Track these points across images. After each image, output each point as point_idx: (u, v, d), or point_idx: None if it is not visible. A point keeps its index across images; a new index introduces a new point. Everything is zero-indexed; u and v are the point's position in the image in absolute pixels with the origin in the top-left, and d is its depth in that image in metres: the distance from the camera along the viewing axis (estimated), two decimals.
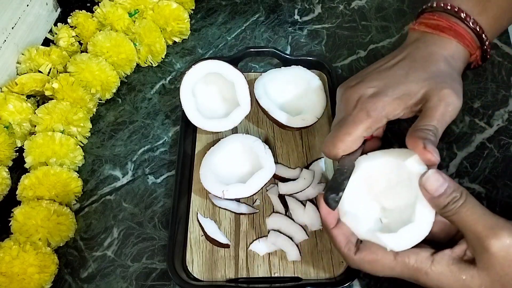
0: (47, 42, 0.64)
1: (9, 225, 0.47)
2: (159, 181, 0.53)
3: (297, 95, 0.55)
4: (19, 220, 0.47)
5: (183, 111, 0.53)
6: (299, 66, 0.56)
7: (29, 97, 0.58)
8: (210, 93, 0.55)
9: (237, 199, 0.49)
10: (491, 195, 0.50)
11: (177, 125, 0.57)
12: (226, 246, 0.47)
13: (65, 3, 0.68)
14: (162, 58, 0.63)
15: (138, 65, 0.63)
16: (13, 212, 0.48)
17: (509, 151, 0.53)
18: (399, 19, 0.66)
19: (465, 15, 0.46)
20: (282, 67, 0.56)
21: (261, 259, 0.46)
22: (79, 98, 0.55)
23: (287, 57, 0.59)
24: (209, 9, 0.69)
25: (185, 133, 0.54)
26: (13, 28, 0.59)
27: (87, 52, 0.59)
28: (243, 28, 0.67)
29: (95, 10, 0.63)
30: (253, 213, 0.49)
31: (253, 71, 0.61)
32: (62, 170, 0.51)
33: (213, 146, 0.52)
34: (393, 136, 0.53)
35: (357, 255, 0.38)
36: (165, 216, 0.50)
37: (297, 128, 0.52)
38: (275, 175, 0.50)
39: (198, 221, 0.48)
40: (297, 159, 0.53)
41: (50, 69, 0.59)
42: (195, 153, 0.53)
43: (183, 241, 0.48)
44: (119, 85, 0.60)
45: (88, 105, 0.57)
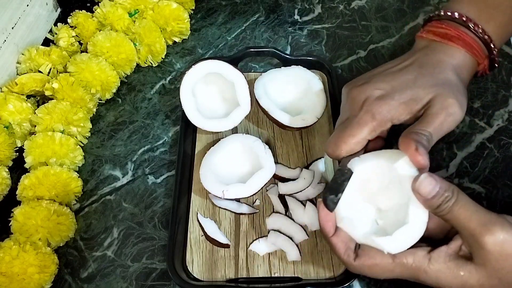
0: (47, 42, 0.64)
1: (9, 225, 0.47)
2: (159, 181, 0.53)
3: (297, 95, 0.55)
4: (19, 220, 0.47)
5: (183, 111, 0.53)
6: (299, 66, 0.56)
7: (29, 97, 0.58)
8: (210, 93, 0.55)
9: (237, 199, 0.49)
10: (491, 195, 0.50)
11: (177, 125, 0.57)
12: (226, 246, 0.47)
13: (65, 3, 0.68)
14: (162, 58, 0.63)
15: (138, 65, 0.63)
16: (13, 212, 0.48)
17: (509, 151, 0.53)
18: (399, 19, 0.66)
19: (473, 25, 0.45)
20: (282, 67, 0.56)
21: (261, 259, 0.46)
22: (79, 98, 0.55)
23: (287, 57, 0.59)
24: (209, 9, 0.69)
25: (185, 133, 0.54)
26: (13, 28, 0.59)
27: (87, 52, 0.59)
28: (243, 28, 0.67)
29: (95, 10, 0.63)
30: (253, 213, 0.49)
31: (253, 71, 0.61)
32: (62, 170, 0.51)
33: (213, 146, 0.52)
34: (393, 136, 0.53)
35: (357, 261, 0.38)
36: (165, 216, 0.50)
37: (297, 128, 0.52)
38: (275, 175, 0.50)
39: (198, 221, 0.48)
40: (297, 159, 0.53)
41: (50, 69, 0.59)
42: (195, 153, 0.53)
43: (183, 241, 0.48)
44: (119, 85, 0.60)
45: (88, 105, 0.57)
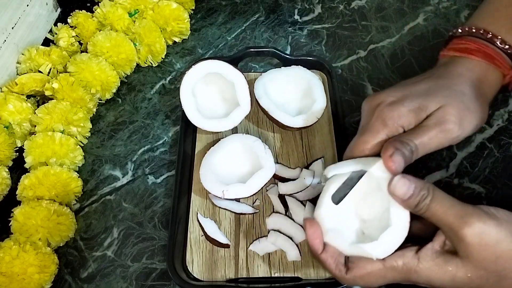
0: (47, 42, 0.64)
1: (9, 225, 0.47)
2: (159, 181, 0.53)
3: (297, 95, 0.55)
4: (19, 220, 0.47)
5: (183, 111, 0.53)
6: (299, 66, 0.56)
7: (29, 97, 0.58)
8: (210, 93, 0.55)
9: (237, 199, 0.49)
10: (491, 195, 0.50)
11: (177, 125, 0.57)
12: (226, 246, 0.47)
13: (65, 3, 0.68)
14: (162, 58, 0.63)
15: (138, 65, 0.63)
16: (13, 212, 0.48)
17: (509, 151, 0.53)
18: (399, 19, 0.66)
19: (491, 35, 0.45)
20: (282, 67, 0.56)
21: (261, 259, 0.46)
22: (79, 98, 0.55)
23: (287, 57, 0.59)
24: (209, 9, 0.69)
25: (185, 133, 0.54)
26: (13, 28, 0.59)
27: (87, 52, 0.59)
28: (243, 28, 0.67)
29: (95, 10, 0.63)
30: (253, 213, 0.49)
31: (253, 71, 0.61)
32: (62, 170, 0.51)
33: (213, 146, 0.52)
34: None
35: (348, 274, 0.39)
36: (165, 216, 0.50)
37: (297, 128, 0.52)
38: (275, 175, 0.50)
39: (198, 221, 0.48)
40: (297, 159, 0.53)
41: (50, 69, 0.59)
42: (195, 153, 0.53)
43: (183, 241, 0.47)
44: (119, 85, 0.60)
45: (88, 105, 0.57)
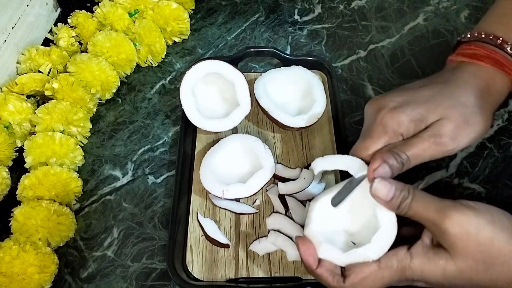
0: (47, 42, 0.64)
1: (9, 225, 0.47)
2: (159, 181, 0.53)
3: (297, 95, 0.55)
4: (19, 220, 0.47)
5: (183, 111, 0.53)
6: (299, 66, 0.56)
7: (29, 97, 0.58)
8: (210, 93, 0.55)
9: (237, 199, 0.49)
10: (491, 195, 0.50)
11: (177, 125, 0.57)
12: (226, 246, 0.47)
13: (65, 3, 0.68)
14: (162, 58, 0.63)
15: (138, 65, 0.63)
16: (13, 212, 0.48)
17: (509, 151, 0.53)
18: (399, 19, 0.66)
19: (501, 41, 0.45)
20: (282, 67, 0.56)
21: (261, 259, 0.46)
22: (79, 98, 0.55)
23: (287, 57, 0.59)
24: (209, 9, 0.69)
25: (185, 133, 0.54)
26: (13, 28, 0.59)
27: (87, 52, 0.59)
28: (243, 28, 0.67)
29: (95, 10, 0.63)
30: (253, 213, 0.49)
31: (253, 71, 0.61)
32: (62, 170, 0.51)
33: (213, 146, 0.52)
34: None
35: (347, 282, 0.39)
36: (165, 216, 0.50)
37: (297, 128, 0.52)
38: (275, 175, 0.50)
39: (198, 221, 0.48)
40: (297, 159, 0.53)
41: (50, 69, 0.59)
42: (195, 153, 0.53)
43: (183, 241, 0.47)
44: (119, 85, 0.60)
45: (88, 105, 0.57)
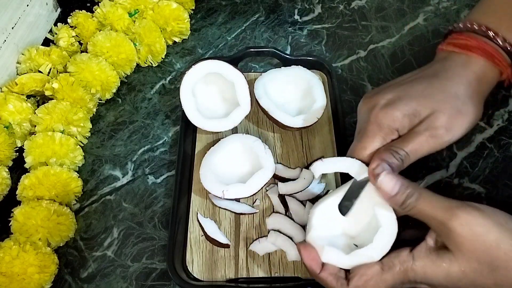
0: (47, 42, 0.64)
1: (9, 225, 0.47)
2: (159, 181, 0.53)
3: (297, 95, 0.55)
4: (19, 220, 0.47)
5: (183, 111, 0.53)
6: (299, 66, 0.56)
7: (29, 97, 0.58)
8: (210, 93, 0.55)
9: (237, 199, 0.49)
10: (491, 195, 0.50)
11: (177, 125, 0.57)
12: (226, 246, 0.47)
13: (65, 3, 0.68)
14: (162, 58, 0.63)
15: (138, 65, 0.63)
16: (13, 212, 0.48)
17: (509, 151, 0.53)
18: (399, 19, 0.66)
19: (493, 34, 0.45)
20: (282, 67, 0.56)
21: (261, 259, 0.46)
22: (79, 98, 0.55)
23: (287, 57, 0.59)
24: (209, 9, 0.69)
25: (185, 133, 0.54)
26: (13, 28, 0.59)
27: (87, 52, 0.59)
28: (243, 28, 0.67)
29: (95, 10, 0.63)
30: (253, 213, 0.49)
31: (253, 71, 0.61)
32: (62, 170, 0.51)
33: (213, 146, 0.52)
34: None
35: (350, 285, 0.39)
36: (165, 216, 0.50)
37: (297, 128, 0.52)
38: (275, 175, 0.50)
39: (198, 221, 0.48)
40: (297, 159, 0.53)
41: (50, 69, 0.59)
42: (195, 153, 0.53)
43: (183, 241, 0.47)
44: (119, 85, 0.60)
45: (88, 105, 0.57)
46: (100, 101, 0.60)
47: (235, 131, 0.55)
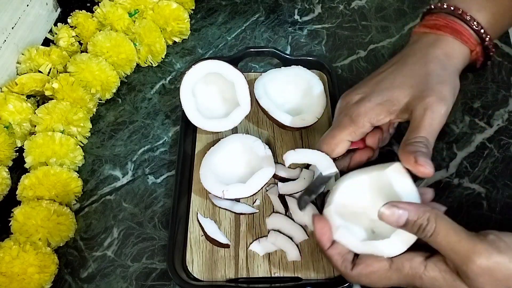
0: (47, 42, 0.64)
1: (9, 225, 0.47)
2: (159, 181, 0.53)
3: (297, 95, 0.55)
4: (19, 220, 0.47)
5: (183, 111, 0.53)
6: (299, 66, 0.56)
7: (29, 97, 0.58)
8: (210, 93, 0.55)
9: (237, 199, 0.49)
10: (491, 195, 0.50)
11: (177, 125, 0.57)
12: (226, 246, 0.47)
13: (65, 3, 0.68)
14: (162, 58, 0.63)
15: (138, 65, 0.63)
16: (13, 212, 0.48)
17: (509, 151, 0.53)
18: (399, 19, 0.66)
19: (461, 12, 0.46)
20: (282, 67, 0.56)
21: (261, 259, 0.46)
22: (79, 98, 0.55)
23: (287, 57, 0.59)
24: (209, 9, 0.69)
25: (185, 133, 0.54)
26: (13, 28, 0.59)
27: (87, 52, 0.59)
28: (243, 28, 0.67)
29: (95, 10, 0.63)
30: (253, 213, 0.49)
31: (253, 71, 0.61)
32: (62, 170, 0.51)
33: (213, 146, 0.52)
34: (393, 135, 0.53)
35: (354, 270, 0.39)
36: (165, 216, 0.50)
37: (297, 128, 0.52)
38: (275, 175, 0.50)
39: (198, 221, 0.48)
40: None
41: (50, 69, 0.59)
42: (195, 153, 0.53)
43: (183, 241, 0.48)
44: (119, 85, 0.60)
45: (88, 105, 0.57)
46: (100, 101, 0.60)
47: (235, 131, 0.55)
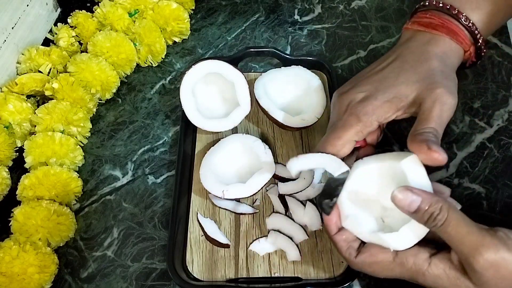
0: (47, 42, 0.64)
1: (9, 225, 0.47)
2: (159, 181, 0.53)
3: (297, 95, 0.55)
4: (19, 220, 0.47)
5: (183, 111, 0.53)
6: (299, 66, 0.56)
7: (29, 97, 0.58)
8: (210, 93, 0.55)
9: (237, 199, 0.49)
10: (491, 195, 0.50)
11: (177, 125, 0.57)
12: (226, 246, 0.47)
13: (65, 3, 0.68)
14: (162, 58, 0.63)
15: (138, 65, 0.63)
16: (13, 212, 0.48)
17: (509, 151, 0.53)
18: (399, 19, 0.66)
19: (457, 12, 0.46)
20: (282, 67, 0.56)
21: (261, 259, 0.46)
22: (79, 98, 0.55)
23: (287, 57, 0.59)
24: (209, 9, 0.69)
25: (185, 133, 0.54)
26: (13, 28, 0.59)
27: (87, 52, 0.59)
28: (243, 28, 0.67)
29: (95, 10, 0.63)
30: (253, 213, 0.49)
31: (253, 71, 0.61)
32: (62, 170, 0.51)
33: (213, 146, 0.52)
34: (393, 136, 0.53)
35: (358, 258, 0.39)
36: (165, 216, 0.50)
37: (297, 128, 0.52)
38: (275, 175, 0.50)
39: (198, 221, 0.48)
40: None
41: (50, 69, 0.59)
42: (195, 153, 0.53)
43: (183, 241, 0.48)
44: (119, 85, 0.60)
45: (88, 105, 0.57)
46: (100, 101, 0.60)
47: (235, 131, 0.55)
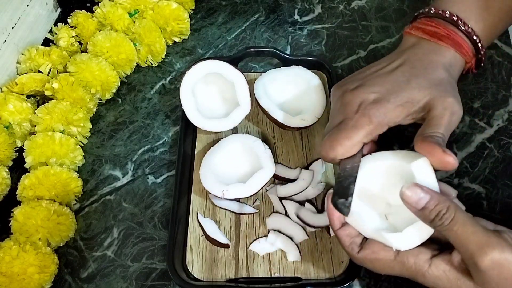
0: (47, 42, 0.64)
1: (9, 225, 0.47)
2: (159, 181, 0.53)
3: (297, 95, 0.55)
4: (19, 220, 0.47)
5: (183, 111, 0.53)
6: (299, 66, 0.56)
7: (29, 97, 0.58)
8: (210, 93, 0.56)
9: (237, 199, 0.49)
10: (491, 195, 0.50)
11: (177, 125, 0.57)
12: (226, 246, 0.47)
13: (65, 3, 0.68)
14: (162, 58, 0.63)
15: (138, 65, 0.63)
16: (13, 212, 0.48)
17: (509, 151, 0.53)
18: (399, 19, 0.66)
19: (463, 24, 0.45)
20: (282, 67, 0.56)
21: (261, 259, 0.46)
22: (79, 98, 0.55)
23: (287, 57, 0.59)
24: (209, 9, 0.69)
25: (185, 133, 0.54)
26: (13, 28, 0.59)
27: (87, 52, 0.59)
28: (243, 28, 0.67)
29: (95, 10, 0.63)
30: (253, 213, 0.49)
31: (253, 71, 0.61)
32: (62, 170, 0.51)
33: (213, 146, 0.52)
34: (393, 135, 0.53)
35: (360, 253, 0.39)
36: (165, 216, 0.50)
37: (297, 128, 0.52)
38: (275, 175, 0.50)
39: (198, 221, 0.48)
40: (297, 159, 0.53)
41: (50, 69, 0.59)
42: (195, 153, 0.53)
43: (183, 241, 0.48)
44: (119, 85, 0.60)
45: (88, 105, 0.57)
46: (100, 101, 0.60)
47: (235, 131, 0.55)
